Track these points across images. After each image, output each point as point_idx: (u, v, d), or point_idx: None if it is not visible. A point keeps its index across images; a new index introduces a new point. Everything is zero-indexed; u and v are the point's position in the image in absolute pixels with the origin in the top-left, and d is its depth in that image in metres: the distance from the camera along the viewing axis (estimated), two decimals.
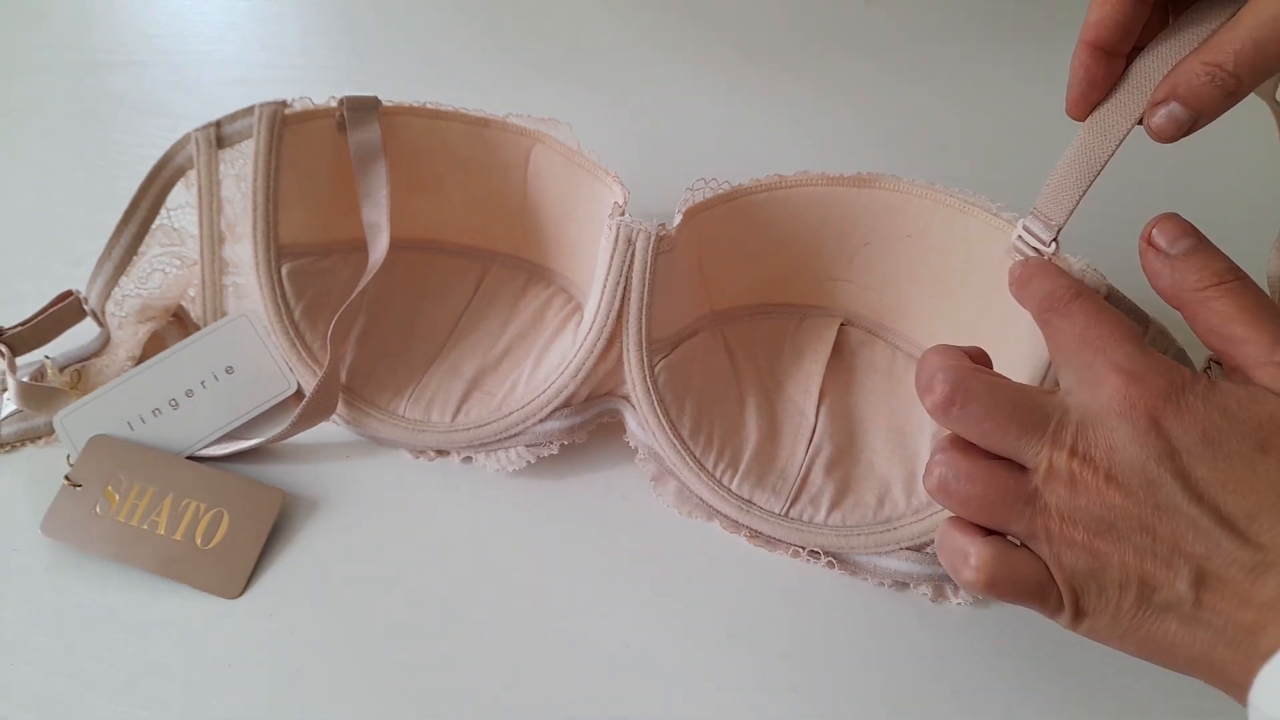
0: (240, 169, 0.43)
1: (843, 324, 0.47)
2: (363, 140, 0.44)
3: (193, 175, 0.44)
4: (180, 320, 0.46)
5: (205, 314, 0.45)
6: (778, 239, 0.44)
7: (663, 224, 0.39)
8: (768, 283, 0.46)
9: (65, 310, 0.44)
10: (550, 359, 0.45)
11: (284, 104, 0.43)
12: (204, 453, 0.42)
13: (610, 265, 0.39)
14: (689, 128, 0.64)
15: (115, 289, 0.44)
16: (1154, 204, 0.33)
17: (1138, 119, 0.31)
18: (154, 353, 0.44)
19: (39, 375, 0.43)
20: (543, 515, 0.42)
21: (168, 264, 0.45)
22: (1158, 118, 0.30)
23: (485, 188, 0.47)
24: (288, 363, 0.44)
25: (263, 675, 0.36)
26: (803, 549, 0.40)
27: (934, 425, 0.43)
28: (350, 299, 0.43)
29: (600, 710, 0.36)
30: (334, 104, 0.44)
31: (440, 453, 0.44)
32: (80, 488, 0.40)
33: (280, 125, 0.43)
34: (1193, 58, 0.29)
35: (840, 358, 0.46)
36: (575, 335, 0.44)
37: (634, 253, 0.39)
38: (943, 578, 0.39)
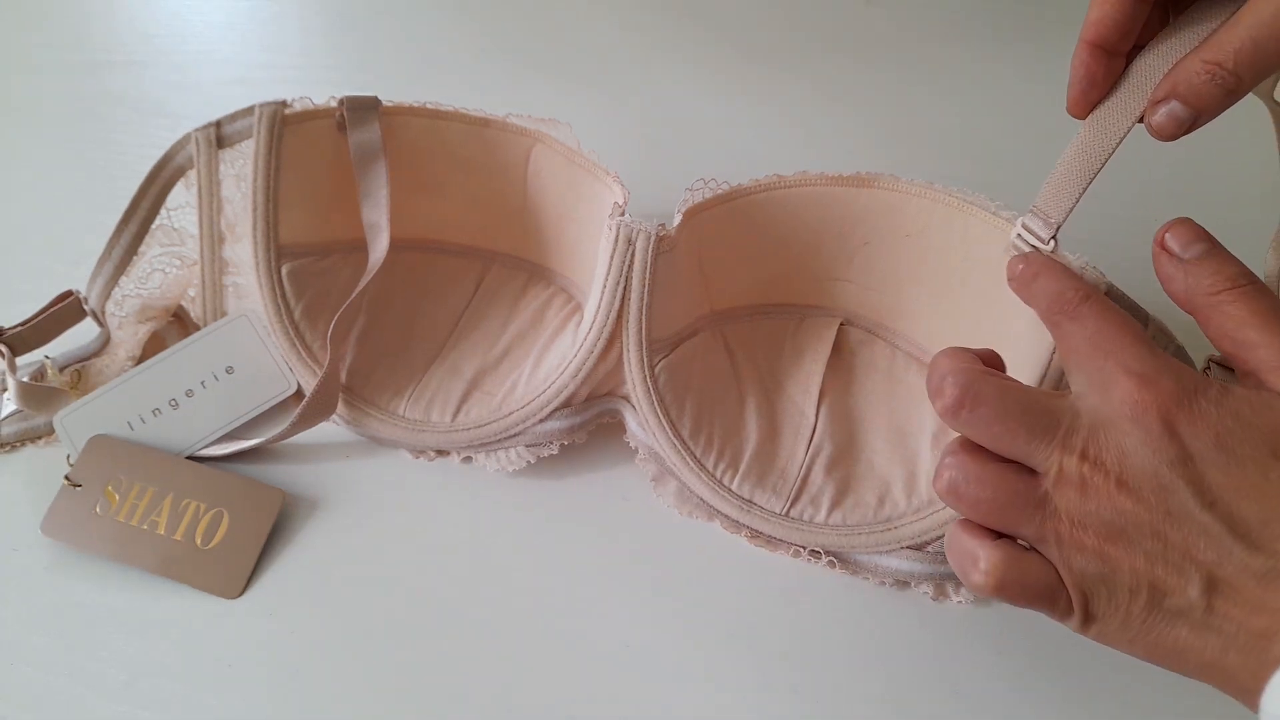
0: (240, 169, 0.43)
1: (843, 324, 0.47)
2: (363, 140, 0.44)
3: (193, 175, 0.44)
4: (180, 320, 0.46)
5: (205, 314, 0.45)
6: (777, 239, 0.44)
7: (663, 224, 0.39)
8: (767, 283, 0.46)
9: (65, 310, 0.44)
10: (550, 359, 0.45)
11: (284, 104, 0.43)
12: (204, 453, 0.42)
13: (610, 265, 0.39)
14: (689, 128, 0.64)
15: (115, 289, 0.44)
16: (1153, 203, 0.33)
17: (1138, 117, 0.31)
18: (154, 353, 0.44)
19: (39, 375, 0.43)
20: (543, 515, 0.42)
21: (168, 264, 0.45)
22: (1158, 116, 0.30)
23: (485, 188, 0.47)
24: (288, 363, 0.44)
25: (263, 675, 0.36)
26: (803, 549, 0.40)
27: (934, 425, 0.43)
28: (350, 299, 0.43)
29: (600, 710, 0.36)
30: (334, 104, 0.44)
31: (440, 453, 0.44)
32: (80, 488, 0.40)
33: (280, 125, 0.43)
34: (1193, 56, 0.29)
35: (840, 357, 0.46)
36: (575, 335, 0.44)
37: (634, 253, 0.39)
38: (944, 576, 0.39)
